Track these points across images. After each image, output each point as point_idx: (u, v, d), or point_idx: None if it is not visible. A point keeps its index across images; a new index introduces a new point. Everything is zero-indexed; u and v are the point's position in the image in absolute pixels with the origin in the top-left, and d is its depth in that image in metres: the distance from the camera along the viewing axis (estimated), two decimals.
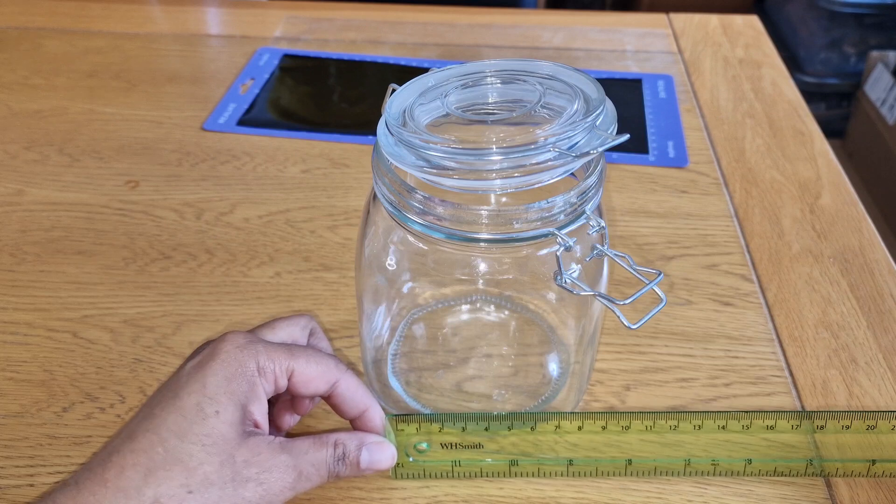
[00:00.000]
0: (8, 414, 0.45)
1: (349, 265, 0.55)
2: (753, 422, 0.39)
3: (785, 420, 0.39)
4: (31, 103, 0.73)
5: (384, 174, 0.35)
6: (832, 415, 0.39)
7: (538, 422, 0.39)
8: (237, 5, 0.94)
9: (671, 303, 0.52)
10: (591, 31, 0.88)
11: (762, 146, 0.69)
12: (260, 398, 0.34)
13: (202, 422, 0.32)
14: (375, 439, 0.37)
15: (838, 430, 0.39)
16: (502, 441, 0.40)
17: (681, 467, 0.40)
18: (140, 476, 0.31)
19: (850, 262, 0.56)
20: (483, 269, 0.40)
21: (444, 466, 0.40)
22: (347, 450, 0.36)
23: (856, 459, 0.39)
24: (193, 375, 0.33)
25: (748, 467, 0.40)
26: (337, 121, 0.71)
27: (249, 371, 0.34)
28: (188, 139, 0.69)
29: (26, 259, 0.56)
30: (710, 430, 0.39)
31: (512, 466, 0.40)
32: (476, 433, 0.39)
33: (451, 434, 0.39)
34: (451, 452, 0.39)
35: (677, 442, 0.39)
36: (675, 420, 0.39)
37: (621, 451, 0.40)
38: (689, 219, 0.60)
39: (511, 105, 0.38)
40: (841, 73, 1.77)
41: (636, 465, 0.40)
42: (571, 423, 0.39)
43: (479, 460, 0.40)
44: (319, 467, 0.35)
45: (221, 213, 0.60)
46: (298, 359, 0.35)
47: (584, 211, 0.35)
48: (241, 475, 0.32)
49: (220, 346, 0.34)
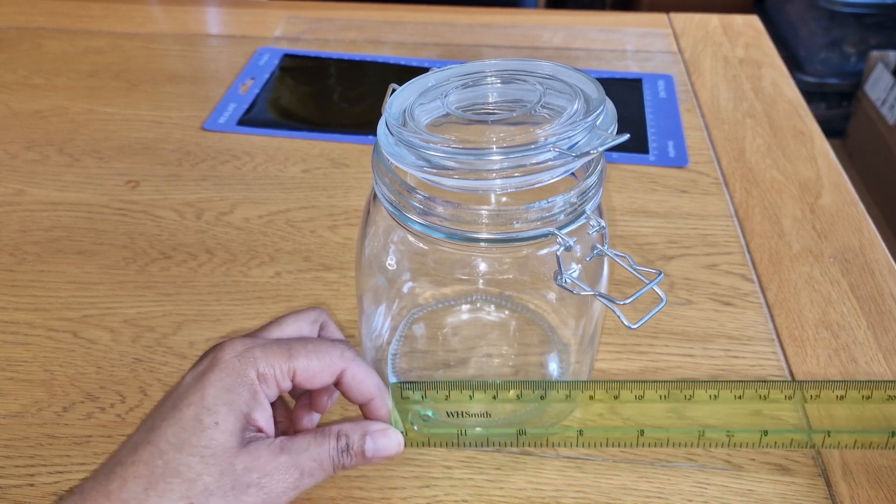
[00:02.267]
0: (8, 414, 0.45)
1: (349, 265, 0.55)
2: (771, 391, 0.37)
3: (801, 391, 0.38)
4: (31, 103, 0.73)
5: (384, 174, 0.35)
6: (851, 385, 0.38)
7: (548, 390, 0.38)
8: (237, 5, 0.94)
9: (671, 303, 0.52)
10: (591, 31, 0.88)
11: (762, 146, 0.69)
12: (262, 404, 0.34)
13: (200, 433, 0.32)
14: (379, 426, 0.37)
15: (858, 400, 0.37)
16: (510, 410, 0.38)
17: (695, 438, 0.38)
18: (141, 488, 0.31)
19: (850, 262, 0.56)
20: (483, 268, 0.40)
21: (450, 435, 0.39)
22: (351, 440, 0.35)
23: (870, 430, 0.38)
24: (193, 387, 0.33)
25: (764, 439, 0.38)
26: (337, 121, 0.71)
27: (249, 379, 0.33)
28: (188, 139, 0.69)
29: (26, 259, 0.56)
30: (727, 401, 0.37)
31: (520, 436, 0.39)
32: (484, 402, 0.38)
33: (458, 402, 0.38)
34: (458, 420, 0.38)
35: (692, 413, 0.38)
36: (690, 389, 0.38)
37: (634, 421, 0.38)
38: (689, 219, 0.60)
39: (511, 105, 0.38)
40: (841, 73, 1.77)
41: (648, 435, 0.38)
42: (583, 392, 0.38)
43: (485, 430, 0.39)
44: (322, 461, 0.35)
45: (221, 213, 0.60)
46: (298, 358, 0.35)
47: (584, 211, 0.35)
48: (242, 482, 0.32)
49: (219, 356, 0.34)
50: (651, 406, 0.38)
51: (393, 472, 0.42)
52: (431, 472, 0.42)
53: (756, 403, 0.38)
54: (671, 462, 0.42)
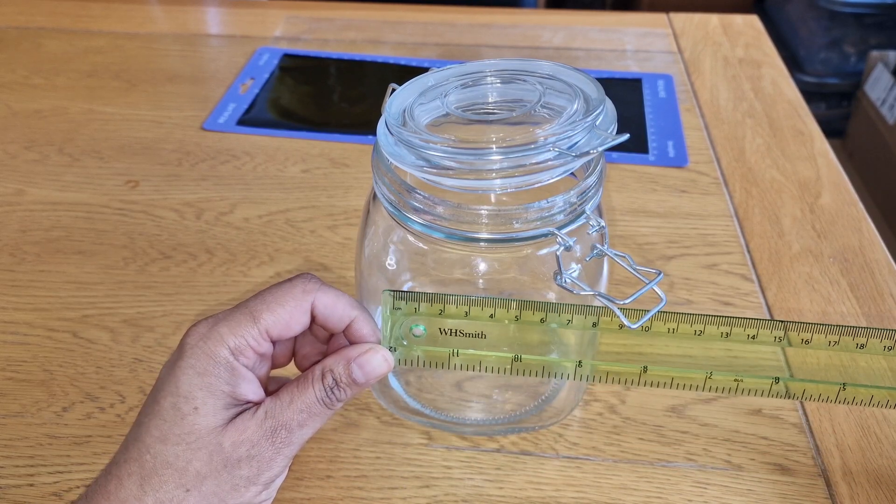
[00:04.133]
0: (8, 414, 0.45)
1: (349, 265, 0.55)
2: (788, 333, 0.35)
3: (822, 335, 0.35)
4: (31, 103, 0.73)
5: (384, 174, 0.35)
6: (874, 332, 0.35)
7: (548, 312, 0.36)
8: (237, 5, 0.94)
9: (671, 302, 0.52)
10: (591, 31, 0.88)
11: (762, 146, 0.69)
12: (244, 377, 0.33)
13: (181, 421, 0.32)
14: (362, 349, 0.35)
15: (879, 350, 0.35)
16: (507, 332, 0.36)
17: (701, 380, 0.36)
18: (136, 485, 0.31)
19: (850, 262, 0.56)
20: (483, 268, 0.40)
21: (441, 355, 0.36)
22: (336, 374, 0.34)
23: (880, 386, 0.36)
24: (167, 378, 0.33)
25: (774, 386, 0.36)
26: (337, 121, 0.71)
27: (222, 357, 0.33)
28: (188, 139, 0.69)
29: (26, 259, 0.56)
30: (740, 340, 0.35)
31: (515, 362, 0.37)
32: (480, 320, 0.36)
33: (453, 317, 0.36)
34: (450, 339, 0.36)
35: (701, 351, 0.36)
36: (700, 324, 0.35)
37: (638, 354, 0.36)
38: (689, 218, 0.60)
39: (511, 105, 0.38)
40: (841, 73, 1.77)
41: (652, 372, 0.36)
42: (586, 318, 0.36)
43: (479, 352, 0.36)
44: (311, 407, 0.33)
45: (221, 213, 0.60)
46: (263, 315, 0.33)
47: (583, 210, 0.35)
48: (232, 458, 0.32)
49: (185, 342, 0.33)
50: (657, 339, 0.35)
51: (393, 472, 0.42)
52: (431, 472, 0.42)
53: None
54: (671, 462, 0.42)
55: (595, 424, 0.44)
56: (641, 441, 0.43)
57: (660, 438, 0.44)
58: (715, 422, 0.44)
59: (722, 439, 0.43)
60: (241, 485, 0.32)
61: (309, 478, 0.41)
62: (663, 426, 0.44)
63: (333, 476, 0.42)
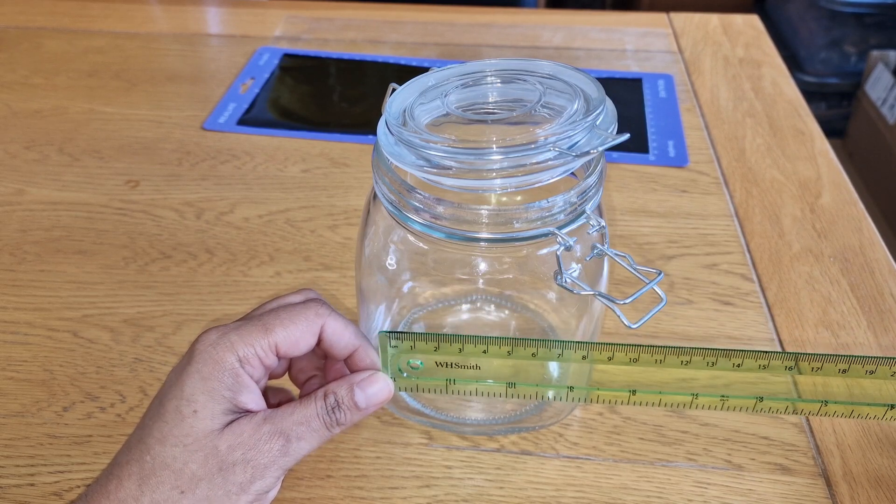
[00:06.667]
0: (8, 413, 0.45)
1: (349, 265, 0.55)
2: (772, 362, 0.36)
3: (806, 363, 0.37)
4: (31, 103, 0.73)
5: (384, 174, 0.35)
6: (855, 359, 0.37)
7: (539, 348, 0.37)
8: (237, 5, 0.94)
9: (671, 302, 0.52)
10: (591, 31, 0.88)
11: (762, 146, 0.69)
12: (247, 386, 0.34)
13: (180, 423, 0.32)
14: (364, 375, 0.36)
15: (861, 374, 0.37)
16: (500, 367, 0.37)
17: (688, 400, 0.37)
18: (135, 485, 0.32)
19: (850, 262, 0.56)
20: (483, 268, 0.40)
21: (438, 383, 0.38)
22: (339, 396, 0.35)
23: (869, 402, 0.37)
24: (173, 381, 0.34)
25: (758, 405, 0.37)
26: (337, 120, 0.71)
27: (229, 365, 0.33)
28: (188, 139, 0.69)
29: (26, 259, 0.56)
30: (725, 368, 0.36)
31: (509, 388, 0.38)
32: (474, 356, 0.37)
33: (448, 354, 0.37)
34: (447, 370, 0.38)
35: (688, 376, 0.37)
36: (687, 356, 0.36)
37: (625, 381, 0.37)
38: (689, 218, 0.60)
39: (511, 104, 0.38)
40: (841, 73, 1.77)
41: (640, 395, 0.37)
42: (575, 352, 0.37)
43: (474, 380, 0.38)
44: (310, 422, 0.34)
45: (221, 213, 0.60)
46: (275, 330, 0.34)
47: (584, 210, 0.35)
48: (227, 462, 0.32)
49: (195, 348, 0.34)
50: (645, 368, 0.37)
51: (393, 472, 0.42)
52: (431, 472, 0.42)
53: (755, 373, 0.37)
54: (671, 462, 0.42)
55: (595, 424, 0.44)
56: (642, 441, 0.43)
57: (660, 438, 0.44)
58: (715, 422, 0.44)
59: (722, 439, 0.43)
60: (233, 491, 0.32)
61: (309, 477, 0.41)
62: (664, 426, 0.44)
63: (333, 476, 0.42)
